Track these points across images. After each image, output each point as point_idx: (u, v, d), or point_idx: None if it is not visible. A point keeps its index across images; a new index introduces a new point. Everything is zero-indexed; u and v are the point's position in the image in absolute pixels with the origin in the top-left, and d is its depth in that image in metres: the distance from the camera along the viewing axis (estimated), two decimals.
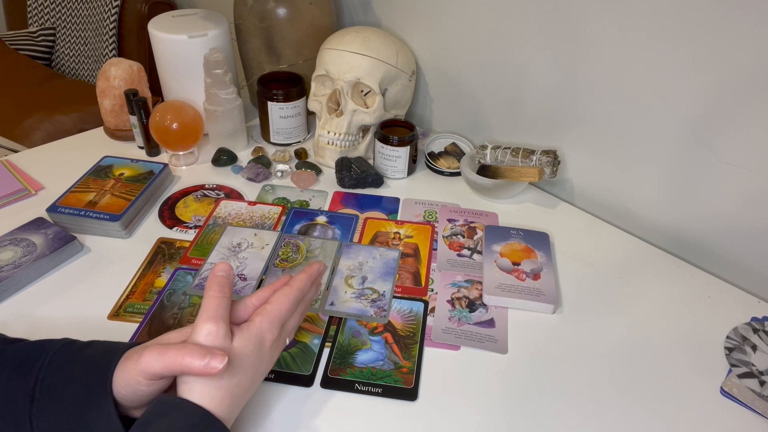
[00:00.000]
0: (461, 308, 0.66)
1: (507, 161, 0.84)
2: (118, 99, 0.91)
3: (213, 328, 0.44)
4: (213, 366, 0.42)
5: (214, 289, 0.47)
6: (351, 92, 0.86)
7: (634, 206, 0.81)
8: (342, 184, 0.87)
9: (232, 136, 0.92)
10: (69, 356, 0.45)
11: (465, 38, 0.90)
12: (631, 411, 0.56)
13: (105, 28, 1.68)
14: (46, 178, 0.85)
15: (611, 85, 0.75)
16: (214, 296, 0.46)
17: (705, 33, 0.64)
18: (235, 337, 0.46)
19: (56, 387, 0.43)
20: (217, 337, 0.44)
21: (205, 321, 0.45)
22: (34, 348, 0.46)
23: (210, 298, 0.46)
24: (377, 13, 1.02)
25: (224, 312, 0.46)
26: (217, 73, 0.86)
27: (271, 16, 0.93)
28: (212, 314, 0.45)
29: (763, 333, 0.64)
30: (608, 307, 0.68)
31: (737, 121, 0.66)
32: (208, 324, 0.44)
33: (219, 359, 0.42)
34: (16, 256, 0.67)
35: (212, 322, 0.44)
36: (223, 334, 0.44)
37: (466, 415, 0.54)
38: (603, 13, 0.71)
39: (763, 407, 0.56)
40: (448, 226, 0.80)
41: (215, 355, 0.42)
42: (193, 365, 0.41)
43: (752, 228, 0.70)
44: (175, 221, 0.78)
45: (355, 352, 0.60)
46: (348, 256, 0.72)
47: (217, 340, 0.44)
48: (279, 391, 0.56)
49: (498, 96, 0.90)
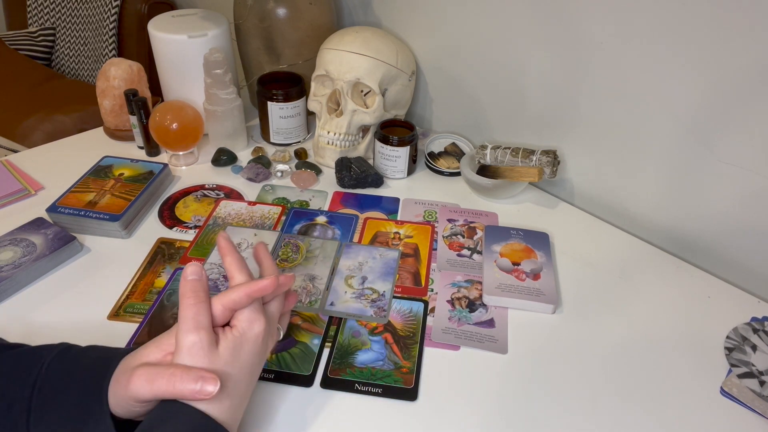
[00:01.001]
0: (461, 308, 0.66)
1: (507, 161, 0.84)
2: (118, 99, 0.91)
3: (195, 339, 0.42)
4: (206, 391, 0.41)
5: (189, 296, 0.44)
6: (351, 92, 0.86)
7: (634, 206, 0.81)
8: (342, 184, 0.87)
9: (232, 136, 0.92)
10: (66, 364, 0.45)
11: (465, 38, 0.90)
12: (631, 411, 0.56)
13: (105, 28, 1.68)
14: (46, 178, 0.85)
15: (611, 85, 0.75)
16: (190, 304, 0.44)
17: (704, 33, 0.64)
18: (221, 342, 0.44)
19: (53, 396, 0.43)
20: (202, 347, 0.42)
21: (186, 333, 0.43)
22: (31, 355, 0.46)
23: (186, 306, 0.44)
24: (377, 13, 1.02)
25: (204, 319, 0.44)
26: (217, 73, 0.86)
27: (271, 16, 0.93)
28: (192, 325, 0.43)
29: (763, 333, 0.64)
30: (608, 307, 0.68)
31: (737, 121, 0.66)
32: (190, 336, 0.42)
33: (212, 383, 0.41)
34: (16, 256, 0.67)
35: (193, 332, 0.43)
36: (207, 343, 0.43)
37: (466, 415, 0.54)
38: (603, 13, 0.71)
39: (763, 407, 0.56)
40: (448, 226, 0.80)
41: (207, 380, 0.41)
42: (185, 392, 0.40)
43: (752, 228, 0.70)
44: (175, 221, 0.78)
45: (355, 352, 0.60)
46: (348, 256, 0.72)
47: (202, 351, 0.42)
48: (279, 392, 0.56)
49: (498, 96, 0.90)
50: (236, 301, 0.45)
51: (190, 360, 0.42)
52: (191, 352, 0.42)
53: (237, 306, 0.46)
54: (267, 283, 0.46)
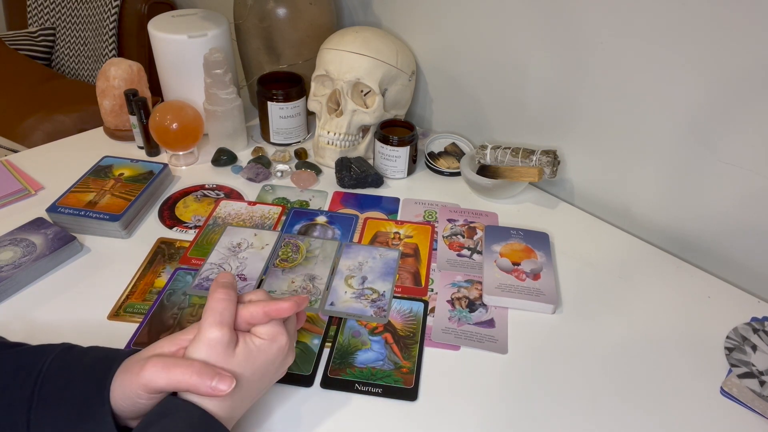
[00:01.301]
0: (461, 308, 0.66)
1: (507, 161, 0.84)
2: (118, 99, 0.91)
3: (218, 334, 0.43)
4: (220, 389, 0.41)
5: (221, 291, 0.46)
6: (351, 92, 0.86)
7: (634, 206, 0.81)
8: (342, 184, 0.87)
9: (232, 136, 0.92)
10: (67, 363, 0.45)
11: (465, 38, 0.90)
12: (631, 411, 0.56)
13: (105, 28, 1.68)
14: (46, 178, 0.85)
15: (611, 85, 0.75)
16: (221, 299, 0.45)
17: (705, 33, 0.64)
18: (239, 344, 0.45)
19: (54, 395, 0.43)
20: (222, 343, 0.43)
21: (210, 326, 0.44)
22: (32, 354, 0.46)
23: (216, 300, 0.45)
24: (377, 13, 1.02)
25: (230, 316, 0.45)
26: (217, 73, 0.86)
27: (271, 16, 0.93)
28: (218, 319, 0.44)
29: (763, 333, 0.64)
30: (608, 307, 0.68)
31: (737, 121, 0.66)
32: (214, 330, 0.43)
33: (227, 382, 0.42)
34: (16, 256, 0.67)
35: (218, 327, 0.44)
36: (227, 341, 0.44)
37: (466, 415, 0.54)
38: (603, 13, 0.71)
39: (763, 407, 0.56)
40: (448, 226, 0.80)
41: (223, 378, 0.42)
42: (201, 387, 0.41)
43: (752, 228, 0.70)
44: (175, 221, 0.78)
45: (355, 352, 0.60)
46: (348, 256, 0.72)
47: (221, 347, 0.43)
48: (279, 391, 0.56)
49: (498, 96, 0.90)
50: (253, 315, 0.46)
51: (207, 353, 0.43)
52: (210, 345, 0.43)
53: (253, 320, 0.47)
54: (287, 306, 0.47)
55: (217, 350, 0.43)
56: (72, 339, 0.49)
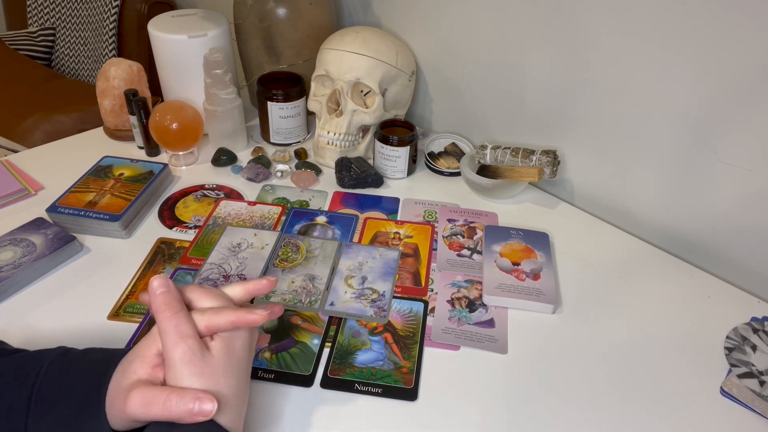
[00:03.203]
0: (461, 308, 0.66)
1: (507, 161, 0.84)
2: (117, 99, 0.91)
3: (185, 347, 0.42)
4: (205, 410, 0.40)
5: (162, 309, 0.43)
6: (351, 92, 0.86)
7: (634, 206, 0.81)
8: (342, 184, 0.87)
9: (231, 136, 0.92)
10: (64, 367, 0.45)
11: (465, 38, 0.90)
12: (631, 411, 0.56)
13: (105, 28, 1.68)
14: (45, 178, 0.85)
15: (611, 85, 0.75)
16: (168, 317, 0.43)
17: (705, 33, 0.64)
18: (213, 346, 0.44)
19: (51, 400, 0.43)
20: (194, 353, 0.42)
21: (173, 346, 0.42)
22: (30, 358, 0.46)
23: (164, 320, 0.43)
24: (377, 13, 1.02)
25: (186, 328, 0.43)
26: (217, 73, 0.86)
27: (271, 16, 0.93)
28: (176, 336, 0.42)
29: (763, 333, 0.64)
30: (608, 307, 0.68)
31: (737, 121, 0.66)
32: (178, 347, 0.42)
33: (208, 402, 0.40)
34: (16, 256, 0.67)
35: (180, 342, 0.42)
36: (198, 349, 0.42)
37: (466, 415, 0.54)
38: (603, 13, 0.71)
39: (763, 407, 0.56)
40: (448, 226, 0.79)
41: (203, 400, 0.40)
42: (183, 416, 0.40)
43: (752, 228, 0.70)
44: (174, 221, 0.78)
45: (355, 352, 0.60)
46: (348, 256, 0.72)
47: (195, 356, 0.42)
48: (279, 392, 0.56)
49: (498, 96, 0.90)
50: (220, 327, 0.45)
51: (187, 370, 0.42)
52: (184, 361, 0.42)
53: (219, 330, 0.45)
54: (256, 318, 0.46)
55: (193, 360, 0.42)
56: (72, 339, 0.49)
